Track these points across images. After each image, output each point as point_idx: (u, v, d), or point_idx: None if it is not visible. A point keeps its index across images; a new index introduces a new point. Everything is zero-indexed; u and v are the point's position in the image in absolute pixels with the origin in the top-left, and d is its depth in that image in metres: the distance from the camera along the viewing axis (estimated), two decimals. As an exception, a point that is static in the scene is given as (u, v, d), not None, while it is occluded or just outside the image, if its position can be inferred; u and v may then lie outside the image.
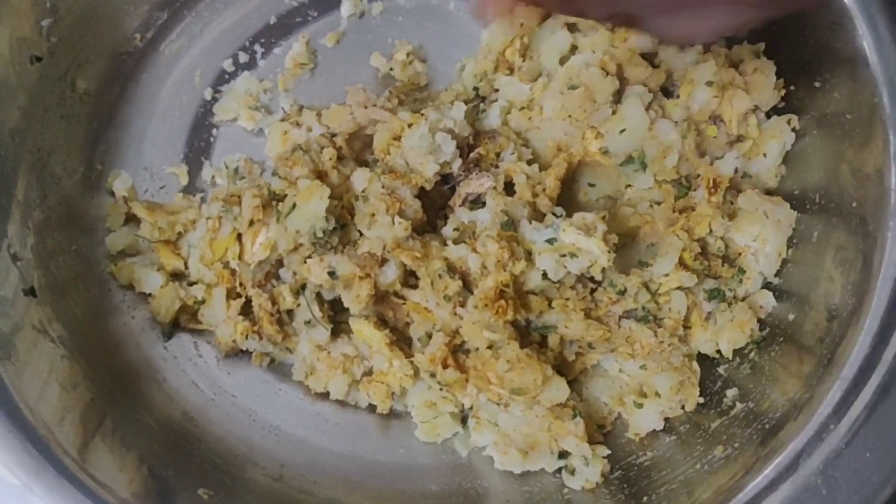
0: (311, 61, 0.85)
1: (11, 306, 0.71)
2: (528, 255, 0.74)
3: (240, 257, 0.77)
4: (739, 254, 0.78)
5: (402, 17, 0.86)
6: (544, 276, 0.74)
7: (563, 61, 0.81)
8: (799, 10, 0.70)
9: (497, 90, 0.83)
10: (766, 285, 0.78)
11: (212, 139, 0.85)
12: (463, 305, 0.74)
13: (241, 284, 0.78)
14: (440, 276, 0.74)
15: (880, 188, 0.69)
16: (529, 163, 0.78)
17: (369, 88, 0.82)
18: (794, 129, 0.78)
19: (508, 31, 0.81)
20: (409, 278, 0.76)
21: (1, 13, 0.71)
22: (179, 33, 0.85)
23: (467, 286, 0.74)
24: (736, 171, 0.78)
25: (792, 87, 0.78)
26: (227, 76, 0.85)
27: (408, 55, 0.84)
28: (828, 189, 0.75)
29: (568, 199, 0.79)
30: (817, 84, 0.75)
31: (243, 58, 0.85)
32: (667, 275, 0.75)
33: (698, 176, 0.78)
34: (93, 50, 0.81)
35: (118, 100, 0.84)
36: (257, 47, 0.85)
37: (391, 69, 0.84)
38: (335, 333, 0.78)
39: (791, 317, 0.75)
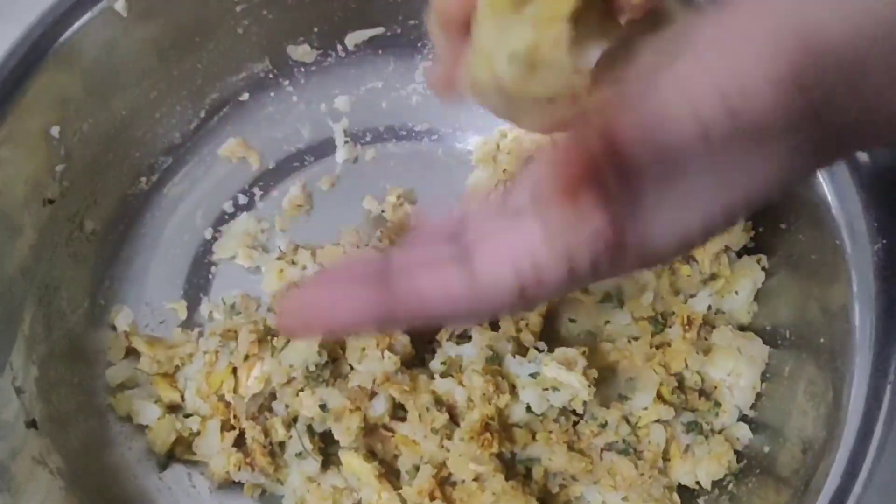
0: (308, 203, 0.90)
1: (11, 432, 0.73)
2: (513, 389, 0.77)
3: (235, 390, 0.79)
4: (715, 387, 0.80)
5: (394, 162, 0.91)
6: (528, 409, 0.76)
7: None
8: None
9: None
10: (742, 418, 0.80)
11: (210, 276, 0.88)
12: (450, 438, 0.76)
13: (235, 417, 0.80)
14: (428, 409, 0.76)
15: (846, 325, 0.71)
16: (513, 299, 0.81)
17: (362, 229, 0.86)
18: (763, 268, 0.82)
19: (492, 177, 0.86)
20: (398, 411, 0.78)
21: (18, 160, 0.76)
22: (183, 177, 0.90)
23: (454, 419, 0.77)
24: (709, 308, 0.82)
25: (760, 229, 0.82)
26: (226, 217, 0.89)
27: (398, 198, 0.88)
28: (798, 325, 0.78)
29: (550, 335, 0.82)
30: (783, 226, 0.79)
31: (243, 200, 0.90)
32: (646, 408, 0.78)
33: (673, 313, 0.81)
34: (101, 193, 0.85)
35: (123, 238, 0.87)
36: (256, 190, 0.90)
37: (383, 211, 0.89)
38: (325, 465, 0.80)
39: (766, 449, 0.77)
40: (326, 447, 0.80)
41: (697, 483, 0.79)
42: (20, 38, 0.74)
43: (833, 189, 0.73)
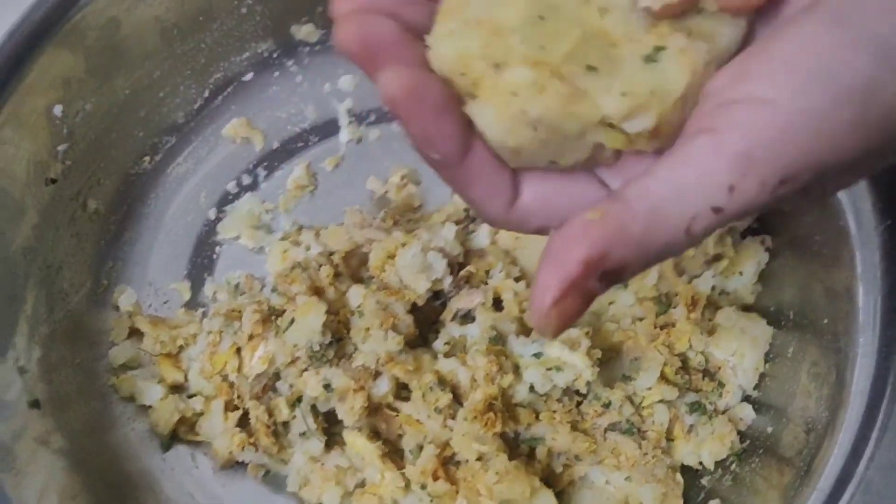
0: (311, 184, 0.90)
1: (14, 413, 0.73)
2: (516, 369, 0.77)
3: (238, 370, 0.79)
4: (719, 368, 0.80)
5: (398, 143, 0.90)
6: (531, 388, 0.76)
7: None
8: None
9: (486, 211, 0.86)
10: (746, 399, 0.80)
11: (214, 256, 0.88)
12: (453, 418, 0.76)
13: (238, 397, 0.80)
14: (431, 388, 0.76)
15: (850, 305, 0.72)
16: (517, 280, 0.81)
17: (365, 209, 0.86)
18: (767, 249, 0.82)
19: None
20: (402, 391, 0.78)
21: (21, 140, 0.75)
22: (187, 157, 0.89)
23: (457, 399, 0.77)
24: (713, 288, 0.82)
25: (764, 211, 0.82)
26: (230, 197, 0.89)
27: (402, 178, 0.88)
28: (801, 306, 0.78)
29: (554, 315, 0.82)
30: (787, 208, 0.79)
31: (247, 180, 0.90)
32: (649, 388, 0.78)
33: (677, 294, 0.81)
34: (104, 172, 0.84)
35: (126, 219, 0.87)
36: (260, 170, 0.90)
37: (386, 191, 0.88)
38: (329, 445, 0.80)
39: (770, 429, 0.78)
40: (330, 427, 0.80)
41: (700, 463, 0.79)
42: (23, 17, 0.74)
43: (838, 170, 0.73)
